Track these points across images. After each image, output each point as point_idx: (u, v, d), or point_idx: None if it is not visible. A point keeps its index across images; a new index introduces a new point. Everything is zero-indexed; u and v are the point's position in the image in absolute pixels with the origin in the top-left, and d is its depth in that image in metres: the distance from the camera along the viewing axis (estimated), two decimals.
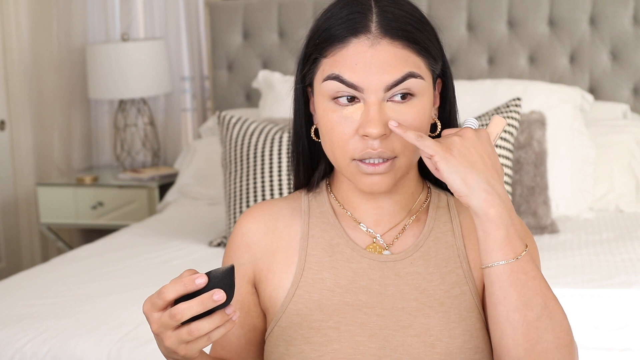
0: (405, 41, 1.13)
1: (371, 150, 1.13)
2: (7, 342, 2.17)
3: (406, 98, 1.13)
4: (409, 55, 1.13)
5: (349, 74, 1.12)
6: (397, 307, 1.17)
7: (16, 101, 3.99)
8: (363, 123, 1.12)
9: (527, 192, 2.86)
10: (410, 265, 1.20)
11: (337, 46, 1.13)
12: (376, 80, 1.11)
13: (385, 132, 1.12)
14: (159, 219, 3.32)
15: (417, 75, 1.13)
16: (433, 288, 1.19)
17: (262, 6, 3.67)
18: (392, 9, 1.14)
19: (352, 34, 1.13)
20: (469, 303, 1.18)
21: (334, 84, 1.13)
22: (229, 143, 2.96)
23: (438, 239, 1.22)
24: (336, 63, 1.13)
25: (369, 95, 1.12)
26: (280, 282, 1.22)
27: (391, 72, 1.12)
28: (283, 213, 1.26)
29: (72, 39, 4.05)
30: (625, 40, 3.35)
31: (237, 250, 1.25)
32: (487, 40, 3.47)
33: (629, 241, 2.71)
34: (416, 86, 1.13)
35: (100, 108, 4.14)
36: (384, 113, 1.12)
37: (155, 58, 3.80)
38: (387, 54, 1.12)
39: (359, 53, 1.12)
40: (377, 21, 1.13)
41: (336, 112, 1.14)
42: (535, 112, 2.96)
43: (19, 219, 4.08)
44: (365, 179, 1.15)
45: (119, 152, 4.02)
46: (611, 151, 3.14)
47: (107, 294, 2.45)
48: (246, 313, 1.24)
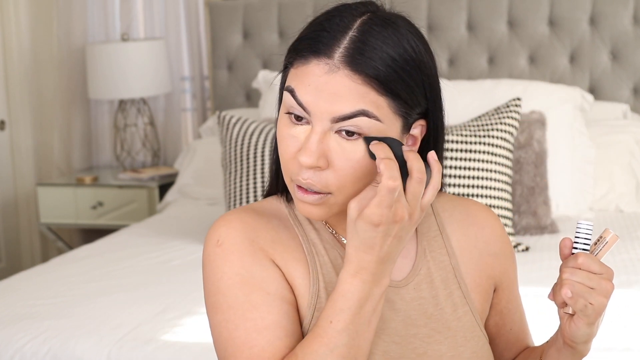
0: (367, 77, 1.03)
1: (301, 179, 1.06)
2: (7, 342, 2.17)
3: (353, 136, 1.04)
4: (367, 92, 1.03)
5: (302, 93, 1.04)
6: (409, 333, 1.14)
7: (16, 101, 3.98)
8: (300, 149, 1.05)
9: (527, 192, 2.86)
10: (414, 290, 1.16)
11: (300, 60, 1.06)
12: (324, 109, 1.03)
13: (319, 164, 1.04)
14: (159, 219, 3.32)
15: (372, 116, 1.03)
16: (439, 312, 1.16)
17: (262, 6, 3.67)
18: (371, 38, 1.04)
19: (313, 54, 1.04)
20: (471, 323, 1.17)
21: (288, 98, 1.06)
22: (229, 143, 2.96)
23: (434, 259, 1.18)
24: (296, 76, 1.06)
25: (315, 121, 1.04)
26: (303, 301, 1.12)
27: (341, 105, 1.03)
28: (274, 223, 1.16)
29: (72, 39, 4.05)
30: (625, 40, 3.35)
31: (252, 254, 1.11)
32: (487, 40, 3.47)
33: (629, 241, 2.71)
34: (368, 126, 1.03)
35: (100, 108, 4.14)
36: (325, 144, 1.04)
37: (155, 58, 3.80)
38: (341, 86, 1.02)
39: (314, 75, 1.04)
40: (345, 47, 1.03)
41: (287, 126, 1.07)
42: (535, 112, 2.96)
43: (19, 219, 4.08)
44: (299, 204, 1.08)
45: (119, 152, 4.02)
46: (611, 151, 3.14)
47: (107, 294, 2.45)
48: (296, 309, 1.12)
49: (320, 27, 1.06)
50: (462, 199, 1.25)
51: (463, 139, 2.74)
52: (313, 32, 1.07)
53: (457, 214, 1.22)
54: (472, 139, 2.74)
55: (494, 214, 1.24)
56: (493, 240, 1.22)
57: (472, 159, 2.72)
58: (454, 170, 2.71)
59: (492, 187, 2.71)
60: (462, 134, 2.75)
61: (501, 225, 1.24)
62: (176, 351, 2.06)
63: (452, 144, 2.73)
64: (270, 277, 1.10)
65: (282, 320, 1.08)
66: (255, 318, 1.08)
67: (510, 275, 1.24)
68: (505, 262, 1.23)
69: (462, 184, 2.70)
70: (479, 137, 2.75)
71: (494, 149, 2.74)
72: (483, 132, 2.76)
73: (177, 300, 2.36)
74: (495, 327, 1.25)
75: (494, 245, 1.22)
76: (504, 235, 1.23)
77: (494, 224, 1.23)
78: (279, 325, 1.08)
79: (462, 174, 2.71)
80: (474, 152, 2.72)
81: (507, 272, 1.23)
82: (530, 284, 2.25)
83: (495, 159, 2.73)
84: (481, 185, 2.71)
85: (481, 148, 2.73)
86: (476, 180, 2.71)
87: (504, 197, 2.73)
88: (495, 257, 1.21)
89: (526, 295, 1.46)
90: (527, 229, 2.85)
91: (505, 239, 1.24)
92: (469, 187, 2.70)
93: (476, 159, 2.72)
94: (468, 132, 2.76)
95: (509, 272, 1.24)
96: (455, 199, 1.25)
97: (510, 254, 1.24)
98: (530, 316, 1.32)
